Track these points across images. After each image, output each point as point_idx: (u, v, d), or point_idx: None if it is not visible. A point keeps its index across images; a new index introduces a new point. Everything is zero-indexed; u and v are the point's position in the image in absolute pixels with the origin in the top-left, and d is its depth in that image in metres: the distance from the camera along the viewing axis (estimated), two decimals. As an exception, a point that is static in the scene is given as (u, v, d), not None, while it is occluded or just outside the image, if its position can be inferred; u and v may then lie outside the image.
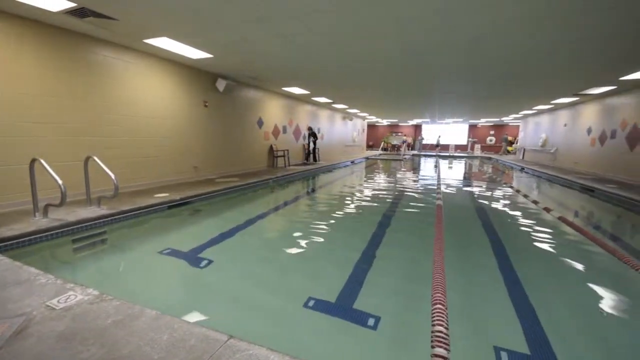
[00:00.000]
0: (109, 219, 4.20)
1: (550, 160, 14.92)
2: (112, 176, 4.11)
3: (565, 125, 13.64)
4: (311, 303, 2.43)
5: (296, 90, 10.59)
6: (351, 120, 20.13)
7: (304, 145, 13.45)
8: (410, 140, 28.09)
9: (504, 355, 1.90)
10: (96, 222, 4.04)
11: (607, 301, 2.66)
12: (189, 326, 1.76)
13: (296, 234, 4.23)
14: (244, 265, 3.21)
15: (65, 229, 3.70)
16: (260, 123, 10.40)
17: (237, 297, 2.56)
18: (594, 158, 11.01)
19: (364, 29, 4.57)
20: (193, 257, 3.29)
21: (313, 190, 8.16)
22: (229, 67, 7.27)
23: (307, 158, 13.40)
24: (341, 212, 5.54)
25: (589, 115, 11.54)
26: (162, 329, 1.73)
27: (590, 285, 2.95)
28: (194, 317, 2.24)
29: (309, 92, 11.01)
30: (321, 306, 2.40)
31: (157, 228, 4.40)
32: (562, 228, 4.78)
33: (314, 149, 13.42)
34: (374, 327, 2.15)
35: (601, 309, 2.55)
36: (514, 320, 2.29)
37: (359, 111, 18.12)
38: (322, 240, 4.06)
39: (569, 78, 7.85)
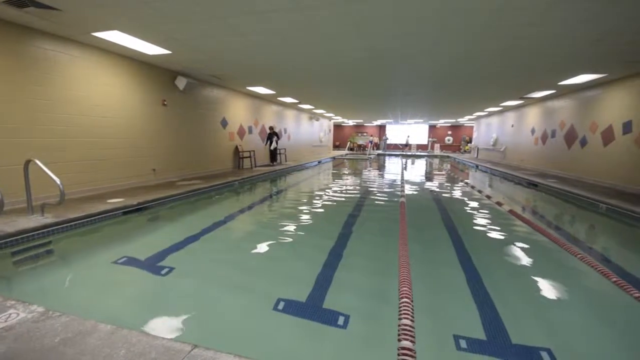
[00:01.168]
0: (55, 228, 3.83)
1: (500, 158, 16.16)
2: (57, 181, 3.76)
3: (512, 125, 14.86)
4: (281, 305, 2.41)
5: (261, 90, 10.44)
6: (318, 120, 20.27)
7: (266, 146, 12.64)
8: (377, 140, 28.88)
9: (462, 342, 2.02)
10: (39, 232, 3.67)
11: (550, 284, 2.94)
12: (149, 339, 1.66)
13: (263, 236, 4.17)
14: (208, 270, 3.10)
15: (3, 241, 3.32)
16: (224, 123, 10.10)
17: (201, 304, 2.46)
18: (537, 155, 12.12)
19: (325, 31, 4.62)
20: (152, 265, 3.11)
21: (280, 191, 8.09)
22: (189, 64, 6.97)
23: (273, 159, 12.75)
24: (309, 212, 5.55)
25: (533, 117, 12.68)
26: (119, 344, 1.62)
27: (536, 271, 3.24)
28: (155, 328, 2.12)
29: (274, 92, 10.90)
30: (291, 308, 2.39)
31: (111, 236, 4.09)
32: (511, 220, 5.20)
33: (275, 149, 12.55)
34: (344, 326, 2.18)
35: (545, 291, 2.81)
36: (472, 308, 2.45)
37: (325, 111, 18.29)
38: (290, 241, 4.04)
39: (515, 83, 8.57)
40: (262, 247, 3.77)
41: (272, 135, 12.24)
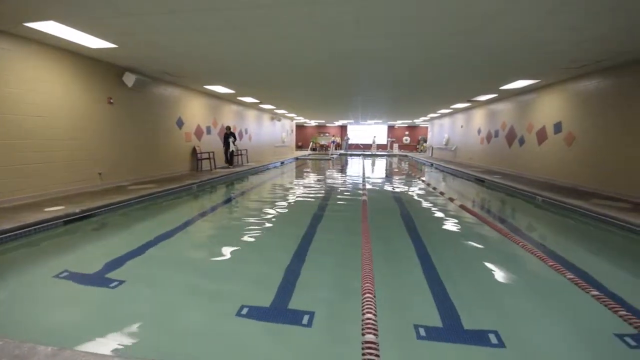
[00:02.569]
0: (-21, 242, 3.36)
1: (452, 156, 17.32)
2: (-18, 189, 3.30)
3: (462, 126, 16.00)
4: (245, 311, 2.35)
5: (220, 89, 10.09)
6: (279, 120, 20.08)
7: (226, 147, 11.73)
8: (339, 140, 29.34)
9: (421, 331, 2.13)
10: (-41, 247, 3.19)
11: (496, 271, 3.21)
12: (96, 359, 1.52)
13: (224, 241, 4.03)
14: (164, 280, 2.92)
15: None
16: (180, 123, 9.59)
17: (158, 316, 2.31)
18: (484, 154, 13.18)
19: (286, 31, 4.60)
20: (100, 278, 2.86)
21: (242, 194, 7.88)
22: (138, 60, 6.51)
23: (229, 161, 11.66)
24: (272, 214, 5.48)
25: (479, 118, 13.76)
26: (61, 368, 1.46)
27: (484, 259, 3.51)
28: (105, 346, 1.95)
29: (233, 92, 10.60)
30: (255, 313, 2.34)
31: (52, 248, 3.69)
32: (462, 214, 5.59)
33: (232, 151, 11.62)
34: (309, 324, 2.19)
35: (492, 278, 3.06)
36: (429, 298, 2.59)
37: (287, 112, 18.19)
38: (253, 244, 3.95)
39: (463, 86, 9.24)
40: (224, 253, 3.64)
41: (228, 135, 11.50)
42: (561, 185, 7.76)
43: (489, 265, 3.35)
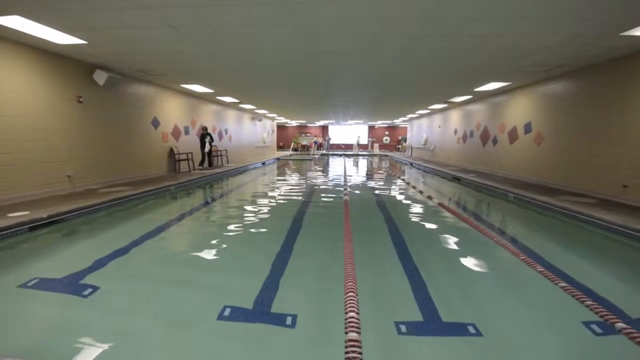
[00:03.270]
0: None
1: (430, 156, 17.79)
2: None
3: (439, 127, 16.47)
4: (227, 312, 2.31)
5: (198, 88, 9.85)
6: (260, 121, 19.86)
7: (204, 148, 11.22)
8: (322, 140, 29.38)
9: (402, 327, 2.17)
10: None
11: (472, 265, 3.33)
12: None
13: (205, 244, 3.93)
14: (142, 286, 2.81)
15: None
16: (156, 123, 9.28)
17: (134, 324, 2.22)
18: (460, 153, 13.63)
19: (262, 29, 4.56)
20: (72, 286, 2.71)
21: (222, 195, 7.73)
22: (110, 57, 6.24)
23: (207, 163, 11.21)
24: (254, 215, 5.41)
25: (455, 119, 14.22)
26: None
27: (461, 254, 3.63)
28: (78, 358, 1.85)
29: (212, 91, 10.38)
30: (238, 315, 2.30)
31: (17, 256, 3.46)
32: (441, 212, 5.76)
33: (209, 152, 11.20)
34: (292, 325, 2.18)
35: (469, 272, 3.17)
36: (409, 293, 2.65)
37: (267, 112, 18.02)
38: (234, 246, 3.88)
39: (439, 88, 9.52)
40: (204, 256, 3.55)
41: (205, 136, 11.02)
42: (531, 182, 8.15)
43: (465, 260, 3.47)
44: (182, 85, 9.47)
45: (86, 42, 5.17)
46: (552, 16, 3.94)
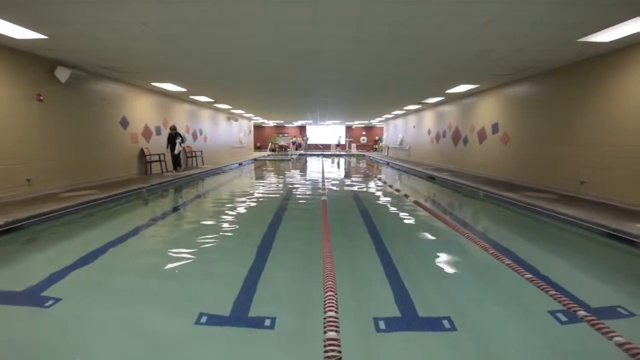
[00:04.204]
0: None
1: (406, 155, 18.26)
2: None
3: (414, 127, 16.95)
4: (203, 319, 2.24)
5: (170, 87, 9.50)
6: (236, 121, 19.48)
7: (167, 149, 10.32)
8: (300, 140, 29.26)
9: (381, 323, 2.21)
10: None
11: (446, 261, 3.46)
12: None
13: (178, 249, 3.80)
14: (110, 296, 2.66)
15: None
16: (124, 123, 8.85)
17: (104, 335, 2.11)
18: (434, 153, 14.09)
19: (240, 28, 4.48)
20: (31, 298, 2.53)
21: (197, 197, 7.52)
22: (73, 52, 5.88)
23: (176, 164, 10.48)
24: (230, 218, 5.30)
25: (429, 120, 14.69)
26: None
27: (435, 250, 3.77)
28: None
29: (185, 90, 10.05)
30: (215, 320, 2.24)
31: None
32: (416, 209, 5.92)
33: (177, 154, 10.37)
34: (272, 327, 2.16)
35: (443, 267, 3.30)
36: (387, 290, 2.70)
37: (244, 112, 17.72)
38: (211, 250, 3.78)
39: (414, 89, 9.80)
40: (178, 261, 3.43)
41: (174, 136, 10.18)
42: (499, 180, 8.58)
43: (439, 255, 3.60)
44: (153, 84, 9.10)
45: (47, 37, 4.85)
46: (519, 22, 4.16)
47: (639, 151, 5.04)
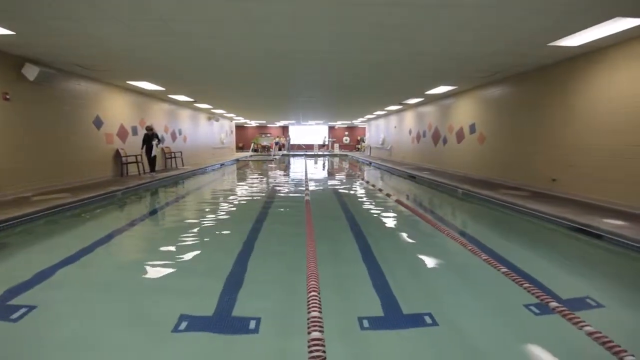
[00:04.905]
0: None
1: (388, 155, 18.54)
2: None
3: (395, 127, 17.24)
4: (183, 325, 2.18)
5: (147, 86, 9.20)
6: (217, 121, 19.13)
7: (142, 150, 9.73)
8: (283, 140, 29.08)
9: (365, 322, 2.23)
10: None
11: (427, 258, 3.54)
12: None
13: (158, 252, 3.69)
14: (86, 303, 2.55)
15: None
16: (98, 123, 8.49)
17: (78, 345, 2.01)
18: (415, 152, 14.39)
19: (218, 26, 4.40)
20: (1, 307, 2.38)
21: (177, 199, 7.32)
22: (42, 49, 5.59)
23: (152, 167, 9.89)
24: (212, 219, 5.19)
25: (410, 120, 14.98)
26: None
27: (417, 248, 3.86)
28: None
29: (163, 89, 9.76)
30: (196, 324, 2.19)
31: None
32: (398, 208, 6.03)
33: (154, 156, 9.78)
34: (256, 330, 2.13)
35: (424, 264, 3.38)
36: (371, 290, 2.73)
37: (225, 112, 17.43)
38: (193, 252, 3.68)
39: (395, 90, 9.97)
40: (158, 264, 3.33)
41: (151, 137, 9.56)
42: (477, 178, 8.87)
43: (421, 253, 3.68)
44: (129, 82, 8.77)
45: (14, 33, 4.58)
46: (493, 26, 4.31)
47: (604, 150, 5.35)
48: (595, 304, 2.52)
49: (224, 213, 5.69)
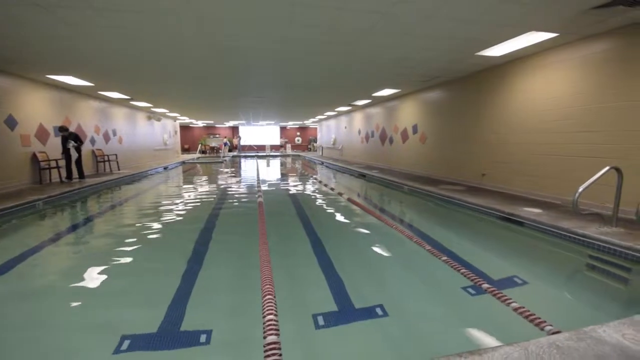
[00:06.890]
0: None
1: (339, 155, 18.99)
2: None
3: (345, 127, 17.73)
4: (125, 344, 1.97)
5: (71, 81, 8.16)
6: (159, 120, 17.75)
7: (62, 154, 8.52)
8: (235, 141, 28.01)
9: (319, 318, 2.25)
10: None
11: (377, 252, 3.70)
12: None
13: (91, 268, 3.28)
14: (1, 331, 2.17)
15: None
16: (11, 123, 7.31)
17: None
18: (364, 152, 14.96)
19: (156, 17, 4.09)
20: None
21: (112, 208, 6.61)
22: None
23: (79, 174, 8.87)
24: (155, 228, 4.78)
25: (359, 121, 15.53)
26: None
27: (367, 243, 4.00)
28: None
29: (92, 85, 8.75)
30: (140, 343, 1.99)
31: None
32: (350, 207, 6.20)
33: (78, 159, 8.83)
34: (207, 342, 2.01)
35: (374, 258, 3.52)
36: (325, 287, 2.76)
37: (167, 111, 16.24)
38: (132, 266, 3.36)
39: (344, 92, 10.24)
40: (90, 283, 2.96)
41: (67, 139, 8.38)
42: (420, 175, 9.53)
43: (371, 247, 3.84)
44: (49, 76, 7.70)
45: None
46: (431, 34, 4.65)
47: (522, 147, 6.11)
48: (521, 282, 2.86)
49: (168, 221, 5.29)
